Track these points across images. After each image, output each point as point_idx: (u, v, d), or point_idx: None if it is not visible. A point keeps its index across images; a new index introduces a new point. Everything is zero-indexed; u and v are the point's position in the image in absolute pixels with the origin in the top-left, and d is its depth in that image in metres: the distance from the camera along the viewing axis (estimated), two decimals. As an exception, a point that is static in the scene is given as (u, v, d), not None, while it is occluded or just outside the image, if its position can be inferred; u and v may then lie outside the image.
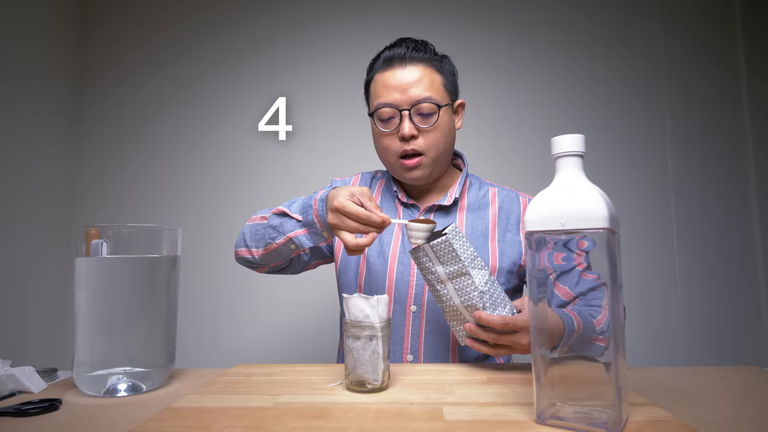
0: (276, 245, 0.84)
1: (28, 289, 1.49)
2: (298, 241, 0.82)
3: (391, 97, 0.87)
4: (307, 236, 0.81)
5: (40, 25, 1.57)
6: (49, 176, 1.61)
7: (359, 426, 0.48)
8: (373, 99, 0.92)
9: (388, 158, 0.93)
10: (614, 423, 0.45)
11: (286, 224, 0.82)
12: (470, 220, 0.94)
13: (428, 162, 0.90)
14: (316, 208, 0.78)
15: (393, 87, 0.88)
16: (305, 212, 0.80)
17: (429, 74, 0.89)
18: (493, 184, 1.02)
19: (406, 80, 0.87)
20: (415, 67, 0.88)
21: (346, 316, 0.63)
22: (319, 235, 0.80)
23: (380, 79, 0.90)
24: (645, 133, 1.69)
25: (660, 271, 1.64)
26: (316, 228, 0.79)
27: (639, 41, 1.72)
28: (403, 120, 0.87)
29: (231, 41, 1.77)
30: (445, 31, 1.73)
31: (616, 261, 0.46)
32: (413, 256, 0.73)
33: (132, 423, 0.51)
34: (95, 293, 0.63)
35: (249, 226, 0.91)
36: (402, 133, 0.87)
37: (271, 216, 0.85)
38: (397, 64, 0.89)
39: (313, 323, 1.67)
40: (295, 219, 0.81)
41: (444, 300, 0.72)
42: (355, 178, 1.06)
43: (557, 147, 0.49)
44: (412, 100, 0.87)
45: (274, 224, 0.84)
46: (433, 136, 0.89)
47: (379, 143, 0.93)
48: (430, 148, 0.89)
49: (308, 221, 0.80)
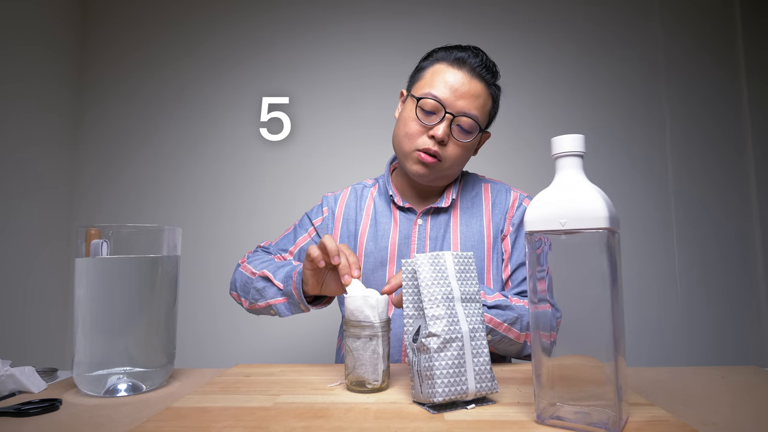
0: (258, 306, 0.87)
1: (27, 289, 1.49)
2: (276, 309, 0.84)
3: (444, 94, 0.85)
4: (285, 305, 0.83)
5: (41, 25, 1.57)
6: (49, 176, 1.61)
7: (359, 426, 0.48)
8: (424, 85, 0.88)
9: (407, 145, 0.89)
10: (614, 423, 0.45)
11: (267, 290, 0.85)
12: (464, 219, 0.94)
13: (440, 169, 0.89)
14: (294, 280, 0.79)
15: (452, 87, 0.85)
16: (286, 282, 0.82)
17: (486, 97, 0.89)
18: (486, 179, 1.02)
19: (466, 89, 0.86)
20: (479, 84, 0.87)
21: (346, 315, 0.63)
22: (297, 307, 0.82)
23: (442, 70, 0.87)
24: (645, 133, 1.69)
25: (660, 271, 1.64)
26: (294, 299, 0.80)
27: (639, 41, 1.72)
28: (443, 121, 0.85)
29: (230, 41, 1.77)
30: (445, 31, 1.73)
31: (616, 261, 0.46)
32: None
33: (132, 423, 0.51)
34: (95, 293, 0.63)
35: (241, 274, 0.92)
36: (435, 133, 0.85)
37: (256, 278, 0.87)
38: (466, 69, 0.87)
39: (313, 323, 1.67)
40: (276, 286, 0.83)
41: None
42: (344, 191, 1.04)
43: (557, 147, 0.49)
44: (461, 109, 0.85)
45: (257, 287, 0.86)
46: (458, 151, 0.88)
47: (405, 128, 0.89)
48: (449, 159, 0.88)
49: (287, 291, 0.81)
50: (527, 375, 0.69)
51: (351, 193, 1.03)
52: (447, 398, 0.52)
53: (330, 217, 1.00)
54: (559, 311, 0.48)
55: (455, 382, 0.53)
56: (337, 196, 1.03)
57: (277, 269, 0.85)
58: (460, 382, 0.53)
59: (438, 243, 0.92)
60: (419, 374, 0.54)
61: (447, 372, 0.53)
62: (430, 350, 0.53)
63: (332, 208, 1.01)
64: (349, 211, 1.00)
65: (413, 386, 0.56)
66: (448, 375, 0.53)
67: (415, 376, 0.56)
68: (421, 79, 0.90)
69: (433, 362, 0.53)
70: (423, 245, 0.92)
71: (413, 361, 0.56)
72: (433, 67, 0.89)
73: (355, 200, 1.01)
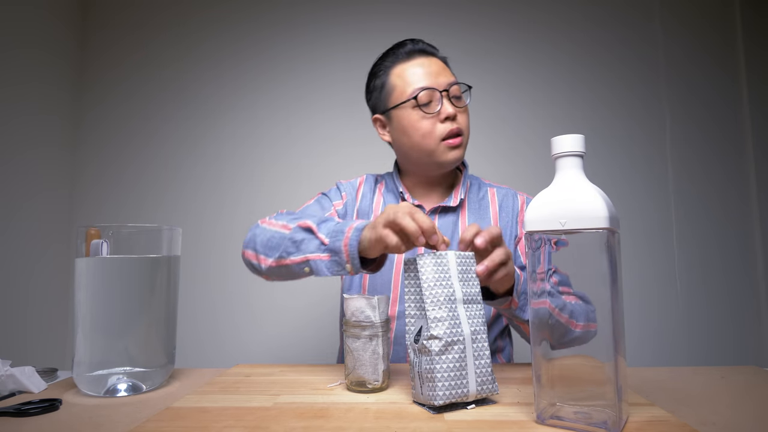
0: (289, 262, 0.75)
1: (28, 289, 1.49)
2: (314, 266, 0.72)
3: (426, 80, 0.90)
4: (326, 264, 0.71)
5: (41, 27, 1.57)
6: (49, 177, 1.61)
7: (359, 426, 0.48)
8: (402, 89, 0.91)
9: (429, 143, 0.90)
10: (614, 423, 0.45)
11: (307, 242, 0.73)
12: (473, 219, 0.96)
13: (465, 142, 0.93)
14: (348, 236, 0.69)
15: (424, 72, 0.90)
16: (334, 237, 0.70)
17: (446, 67, 0.94)
18: (492, 184, 1.04)
19: (435, 68, 0.91)
20: (434, 58, 0.93)
21: (347, 316, 0.63)
22: (341, 266, 0.70)
23: (405, 68, 0.92)
24: (645, 133, 1.69)
25: (660, 271, 1.64)
26: (341, 257, 0.69)
27: (639, 41, 1.72)
28: (443, 101, 0.89)
29: (230, 41, 1.77)
30: (445, 31, 1.73)
31: (616, 261, 0.46)
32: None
33: (132, 423, 0.51)
34: (95, 293, 0.63)
35: (264, 230, 0.81)
36: (446, 113, 0.89)
37: (295, 228, 0.76)
38: (420, 56, 0.92)
39: (313, 323, 1.67)
40: (320, 240, 0.72)
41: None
42: (360, 179, 1.05)
43: (557, 147, 0.49)
44: (447, 82, 0.90)
45: (295, 238, 0.75)
46: (465, 117, 0.93)
47: (419, 130, 0.90)
48: (464, 128, 0.92)
49: (335, 247, 0.69)
50: (527, 375, 0.69)
51: (366, 183, 1.04)
52: (447, 401, 0.52)
53: (351, 202, 1.00)
54: (591, 303, 0.47)
55: (456, 385, 0.53)
56: (353, 184, 1.04)
57: (321, 222, 0.74)
58: (461, 384, 0.53)
59: None
60: (420, 375, 0.54)
61: (448, 375, 0.52)
62: (431, 352, 0.53)
63: (351, 194, 1.01)
64: (365, 201, 1.00)
65: (414, 386, 0.56)
66: (449, 378, 0.52)
67: (416, 377, 0.56)
68: (394, 89, 0.93)
69: (435, 365, 0.52)
70: None
71: (414, 362, 0.56)
72: (394, 73, 0.93)
73: (370, 192, 1.02)
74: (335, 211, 0.98)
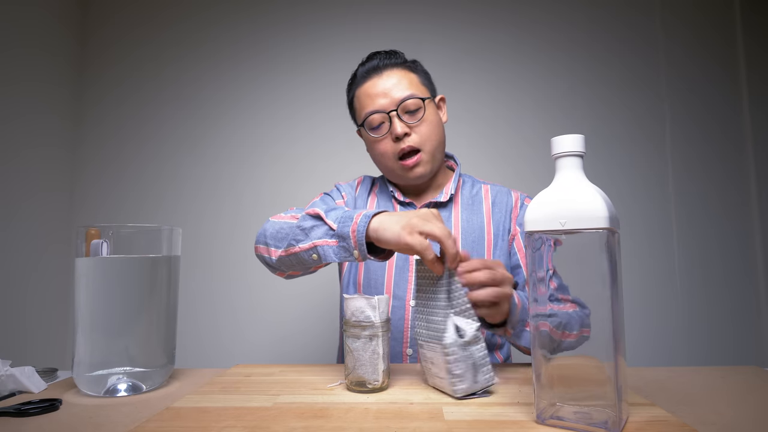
0: (298, 249, 0.75)
1: (28, 289, 1.49)
2: (322, 252, 0.71)
3: (377, 104, 0.92)
4: (334, 249, 0.70)
5: (40, 25, 1.57)
6: (49, 176, 1.61)
7: (359, 426, 0.48)
8: (359, 111, 0.96)
9: (386, 163, 0.95)
10: (614, 423, 0.45)
11: (316, 229, 0.73)
12: (465, 215, 0.97)
13: (427, 157, 0.93)
14: (356, 221, 0.68)
15: (376, 94, 0.92)
16: (343, 222, 0.70)
17: (405, 75, 0.94)
18: (485, 182, 1.05)
19: (388, 85, 0.92)
20: (392, 72, 0.93)
21: (347, 316, 0.63)
22: (349, 252, 0.69)
23: (362, 91, 0.95)
24: (645, 133, 1.69)
25: (660, 271, 1.64)
26: (348, 243, 0.68)
27: (639, 41, 1.72)
28: (392, 121, 0.91)
29: (231, 41, 1.77)
30: (445, 31, 1.73)
31: (616, 261, 0.46)
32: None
33: (132, 423, 0.51)
34: (95, 293, 0.63)
35: (274, 222, 0.82)
36: (395, 133, 0.90)
37: (303, 216, 0.76)
38: (374, 74, 0.94)
39: (313, 323, 1.67)
40: (328, 225, 0.72)
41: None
42: (358, 180, 1.08)
43: (557, 147, 0.50)
44: (397, 100, 0.91)
45: (303, 225, 0.74)
46: (424, 129, 0.92)
47: (375, 151, 0.96)
48: (424, 142, 0.92)
49: (343, 233, 0.69)
50: (527, 375, 0.69)
51: (363, 184, 1.07)
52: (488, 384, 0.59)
53: (350, 202, 1.02)
54: (587, 307, 0.47)
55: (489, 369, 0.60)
56: (352, 185, 1.06)
57: (330, 210, 0.74)
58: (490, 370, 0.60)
59: None
60: (474, 365, 0.58)
61: (486, 361, 0.60)
62: (479, 341, 0.59)
63: (350, 194, 1.04)
64: (360, 201, 1.03)
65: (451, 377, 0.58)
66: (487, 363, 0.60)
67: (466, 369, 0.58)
68: (356, 112, 0.99)
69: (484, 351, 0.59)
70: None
71: (462, 356, 0.58)
72: (356, 95, 0.98)
73: (365, 192, 1.04)
74: None
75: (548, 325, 0.49)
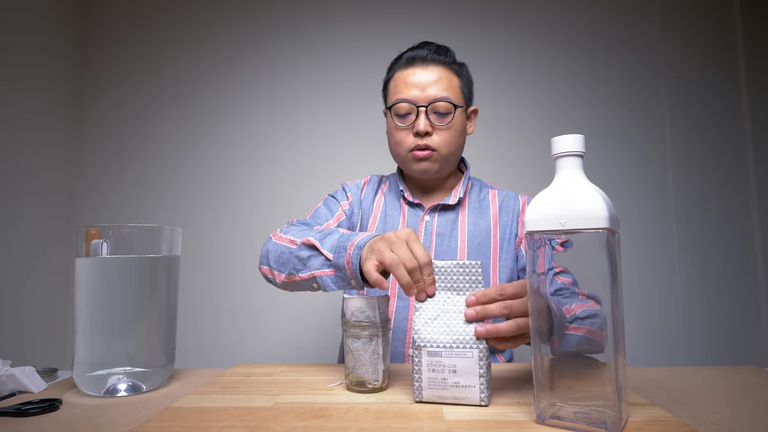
0: (299, 279, 0.77)
1: (28, 289, 1.49)
2: (321, 282, 0.74)
3: (410, 94, 0.91)
4: (332, 279, 0.73)
5: (40, 25, 1.57)
6: (48, 176, 1.60)
7: (359, 426, 0.48)
8: (391, 95, 0.95)
9: (400, 152, 0.95)
10: (614, 423, 0.45)
11: (313, 259, 0.75)
12: (472, 218, 0.97)
13: (438, 158, 0.93)
14: (349, 253, 0.70)
15: (413, 84, 0.91)
16: (338, 253, 0.71)
17: (448, 76, 0.92)
18: (493, 186, 1.05)
19: (426, 79, 0.91)
20: (436, 69, 0.92)
21: (347, 315, 0.63)
22: (347, 282, 0.71)
23: (401, 76, 0.94)
24: (645, 133, 1.69)
25: (660, 271, 1.64)
26: (345, 273, 0.71)
27: (639, 41, 1.72)
28: (419, 116, 0.90)
29: (230, 40, 1.76)
30: (445, 31, 1.73)
31: (616, 261, 0.46)
32: None
33: (132, 423, 0.51)
34: (95, 293, 0.63)
35: (275, 245, 0.83)
36: (417, 128, 0.90)
37: (299, 245, 0.78)
38: (418, 63, 0.92)
39: (314, 323, 1.67)
40: (324, 255, 0.73)
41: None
42: (364, 179, 1.08)
43: (557, 147, 0.50)
44: (430, 98, 0.90)
45: (301, 255, 0.77)
46: (446, 134, 0.92)
47: (394, 137, 0.95)
48: (442, 146, 0.92)
49: (338, 264, 0.71)
50: (527, 375, 0.69)
51: (369, 183, 1.07)
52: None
53: (356, 202, 1.03)
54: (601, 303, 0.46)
55: None
56: (358, 185, 1.06)
57: (324, 237, 0.76)
58: None
59: (445, 240, 0.94)
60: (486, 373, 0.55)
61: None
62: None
63: (356, 194, 1.04)
64: (366, 201, 1.03)
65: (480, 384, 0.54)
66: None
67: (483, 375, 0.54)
68: (389, 92, 0.97)
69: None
70: (429, 241, 0.94)
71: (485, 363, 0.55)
72: (394, 77, 0.96)
73: (372, 192, 1.04)
74: (343, 211, 1.00)
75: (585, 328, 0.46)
